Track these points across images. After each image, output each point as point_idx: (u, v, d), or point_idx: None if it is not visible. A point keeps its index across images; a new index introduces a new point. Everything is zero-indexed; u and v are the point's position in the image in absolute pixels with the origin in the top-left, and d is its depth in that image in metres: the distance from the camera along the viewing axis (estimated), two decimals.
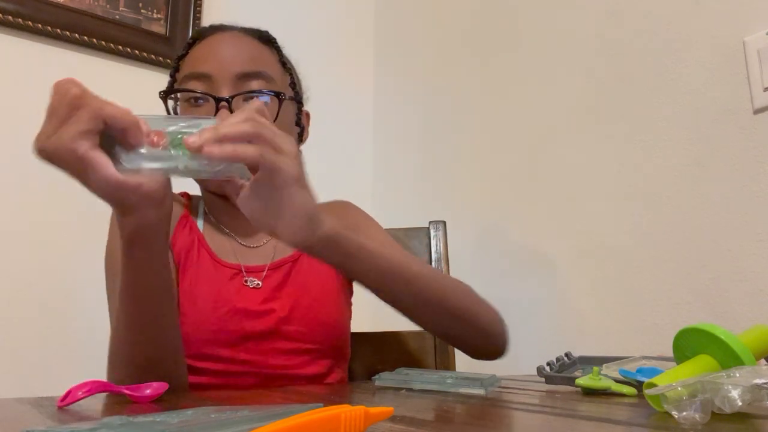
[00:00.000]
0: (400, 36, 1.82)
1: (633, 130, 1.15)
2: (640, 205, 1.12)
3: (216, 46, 0.77)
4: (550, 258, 1.28)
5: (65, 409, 0.45)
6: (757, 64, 0.97)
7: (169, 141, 0.49)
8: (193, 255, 0.77)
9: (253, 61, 0.76)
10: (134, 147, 0.49)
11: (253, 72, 0.76)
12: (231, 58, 0.75)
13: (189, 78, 0.76)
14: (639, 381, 0.52)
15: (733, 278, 0.97)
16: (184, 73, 0.77)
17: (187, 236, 0.79)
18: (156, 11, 1.49)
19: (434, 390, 0.57)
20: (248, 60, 0.76)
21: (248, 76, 0.75)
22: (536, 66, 1.37)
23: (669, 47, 1.11)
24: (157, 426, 0.32)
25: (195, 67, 0.76)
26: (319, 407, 0.33)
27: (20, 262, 1.23)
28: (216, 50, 0.76)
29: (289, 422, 0.29)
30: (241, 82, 0.75)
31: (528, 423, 0.39)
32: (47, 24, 1.31)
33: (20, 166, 1.26)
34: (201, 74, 0.75)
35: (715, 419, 0.37)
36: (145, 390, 0.52)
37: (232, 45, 0.77)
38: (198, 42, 0.80)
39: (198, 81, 0.75)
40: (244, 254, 0.81)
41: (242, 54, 0.76)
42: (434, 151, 1.60)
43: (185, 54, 0.80)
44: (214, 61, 0.75)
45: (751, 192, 0.97)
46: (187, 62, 0.79)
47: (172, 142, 0.49)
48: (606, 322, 1.15)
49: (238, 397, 0.54)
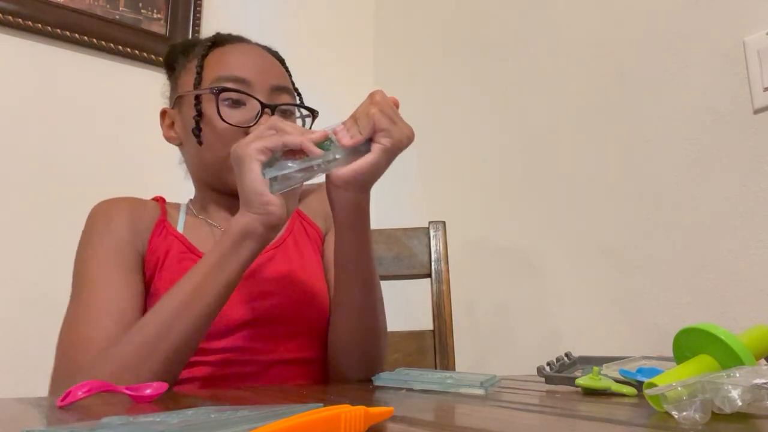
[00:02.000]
0: (399, 36, 1.83)
1: (633, 130, 1.15)
2: (640, 204, 1.12)
3: (251, 55, 0.81)
4: (550, 258, 1.28)
5: (65, 409, 0.45)
6: (757, 64, 0.97)
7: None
8: (173, 254, 0.78)
9: (283, 77, 0.83)
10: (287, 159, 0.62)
11: (284, 86, 0.81)
12: (267, 69, 0.80)
13: (226, 80, 0.77)
14: (639, 381, 0.52)
15: (733, 278, 0.97)
16: (219, 74, 0.78)
17: (164, 239, 0.79)
18: (156, 11, 1.49)
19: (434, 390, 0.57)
20: (280, 74, 0.82)
21: (280, 89, 0.81)
22: (536, 66, 1.37)
23: (669, 47, 1.11)
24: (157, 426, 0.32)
25: (232, 70, 0.78)
26: (319, 407, 0.33)
27: (20, 262, 1.23)
28: (252, 58, 0.81)
29: (289, 422, 0.29)
30: (274, 93, 0.80)
31: (528, 423, 0.39)
32: (47, 24, 1.31)
33: (21, 165, 1.26)
34: (240, 78, 0.77)
35: (715, 419, 0.37)
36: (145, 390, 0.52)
37: (263, 57, 0.82)
38: (221, 46, 0.81)
39: (235, 83, 0.77)
40: None
41: (274, 68, 0.82)
42: (434, 151, 1.60)
43: (206, 54, 0.80)
44: (252, 69, 0.79)
45: (751, 192, 0.97)
46: (217, 64, 0.79)
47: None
48: (606, 322, 1.15)
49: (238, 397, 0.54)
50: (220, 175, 0.80)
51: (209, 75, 0.79)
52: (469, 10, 1.57)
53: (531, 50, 1.39)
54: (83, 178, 1.30)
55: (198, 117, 0.78)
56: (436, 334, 1.06)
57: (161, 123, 0.86)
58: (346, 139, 0.61)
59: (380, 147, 0.61)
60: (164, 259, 0.77)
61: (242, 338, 0.75)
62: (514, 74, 1.43)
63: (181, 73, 0.84)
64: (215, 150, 0.78)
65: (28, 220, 1.25)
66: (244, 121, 0.77)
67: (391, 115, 0.61)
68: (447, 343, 1.05)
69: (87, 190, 1.33)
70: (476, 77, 1.52)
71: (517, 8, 1.44)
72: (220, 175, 0.80)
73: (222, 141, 0.77)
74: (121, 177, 1.36)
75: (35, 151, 1.28)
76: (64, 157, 1.30)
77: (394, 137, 0.61)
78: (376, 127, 0.60)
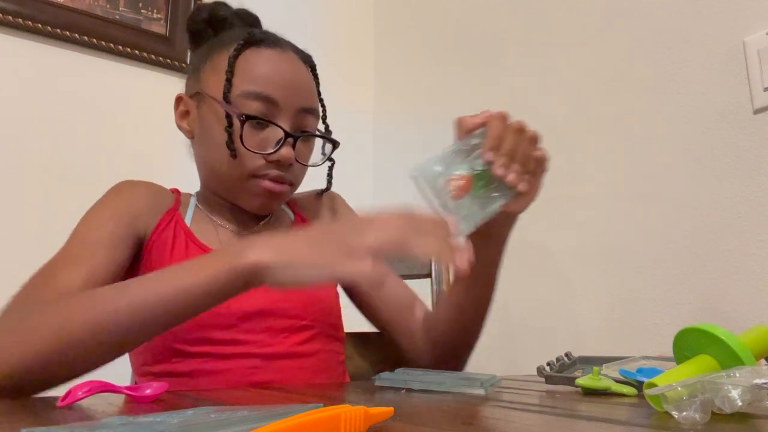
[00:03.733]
0: (400, 36, 1.83)
1: (632, 130, 1.15)
2: (640, 204, 1.12)
3: (283, 68, 0.77)
4: (550, 258, 1.28)
5: (65, 409, 0.45)
6: (757, 64, 0.97)
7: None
8: (179, 246, 0.77)
9: (311, 96, 0.80)
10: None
11: (311, 108, 0.79)
12: (296, 89, 0.77)
13: (255, 97, 0.74)
14: (639, 381, 0.52)
15: (733, 278, 0.97)
16: (248, 88, 0.75)
17: (171, 229, 0.79)
18: (156, 11, 1.49)
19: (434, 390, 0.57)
20: (308, 94, 0.79)
21: (306, 111, 0.78)
22: (536, 66, 1.37)
23: (669, 47, 1.11)
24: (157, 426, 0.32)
25: (262, 87, 0.75)
26: (319, 407, 0.33)
27: (21, 262, 1.23)
28: (284, 73, 0.77)
29: (289, 422, 0.29)
30: (300, 116, 0.78)
31: (528, 423, 0.39)
32: (47, 24, 1.32)
33: (21, 165, 1.26)
34: (268, 98, 0.75)
35: (715, 419, 0.37)
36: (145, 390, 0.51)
37: (295, 72, 0.78)
38: (254, 47, 0.78)
39: (262, 103, 0.75)
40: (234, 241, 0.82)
41: (303, 85, 0.79)
42: (434, 151, 1.60)
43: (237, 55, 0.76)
44: (283, 88, 0.76)
45: (751, 192, 0.97)
46: (248, 74, 0.76)
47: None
48: (606, 322, 1.15)
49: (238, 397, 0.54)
50: (228, 188, 0.79)
51: (238, 84, 0.75)
52: (470, 10, 1.57)
53: (531, 50, 1.39)
54: (83, 178, 1.30)
55: (230, 129, 0.74)
56: None
57: (174, 108, 0.83)
58: (515, 183, 0.63)
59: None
60: (171, 248, 0.77)
61: (246, 330, 0.74)
62: (514, 73, 1.43)
63: (206, 65, 0.80)
64: (234, 168, 0.76)
65: (28, 219, 1.25)
66: (264, 146, 0.75)
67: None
68: None
69: (87, 189, 1.32)
70: (476, 76, 1.52)
71: (517, 7, 1.44)
72: (228, 188, 0.79)
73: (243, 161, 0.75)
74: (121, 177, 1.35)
75: (35, 151, 1.28)
76: (64, 157, 1.30)
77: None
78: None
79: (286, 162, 0.76)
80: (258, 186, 0.77)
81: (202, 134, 0.80)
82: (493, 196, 0.62)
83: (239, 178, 0.77)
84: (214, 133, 0.77)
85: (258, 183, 0.77)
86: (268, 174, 0.77)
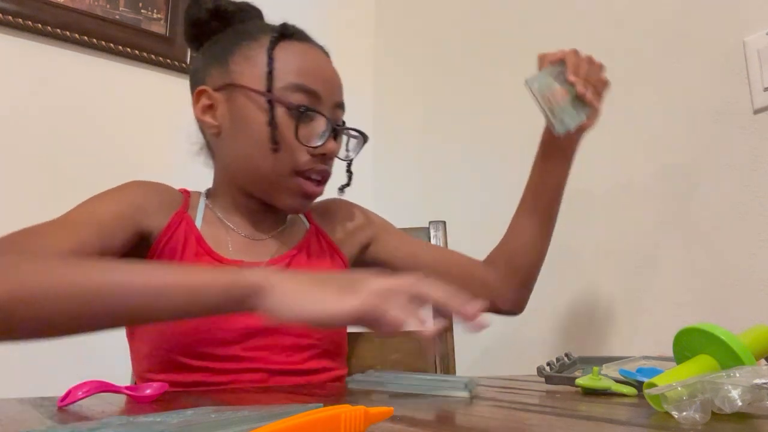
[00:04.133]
0: (400, 36, 1.83)
1: (632, 130, 1.15)
2: (639, 204, 1.12)
3: (321, 64, 0.79)
4: (550, 258, 1.28)
5: (65, 409, 0.45)
6: (757, 64, 0.97)
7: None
8: (189, 251, 0.75)
9: (342, 91, 0.82)
10: None
11: (343, 103, 0.81)
12: (334, 84, 0.80)
13: (299, 90, 0.74)
14: (639, 381, 0.52)
15: (733, 278, 0.97)
16: (292, 81, 0.74)
17: (182, 232, 0.76)
18: (156, 11, 1.49)
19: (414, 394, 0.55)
20: (341, 90, 0.82)
21: (339, 106, 0.80)
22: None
23: (669, 47, 1.11)
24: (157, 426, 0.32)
25: (307, 81, 0.75)
26: (319, 407, 0.33)
27: None
28: (323, 69, 0.79)
29: (289, 422, 0.29)
30: (336, 110, 0.79)
31: (528, 423, 0.39)
32: (47, 24, 1.31)
33: (20, 165, 1.26)
34: (312, 91, 0.75)
35: (715, 419, 0.37)
36: (145, 390, 0.52)
37: (330, 67, 0.81)
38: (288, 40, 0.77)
39: (306, 96, 0.75)
40: (246, 247, 0.80)
41: (338, 80, 0.81)
42: (434, 151, 1.60)
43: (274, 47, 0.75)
44: (324, 82, 0.77)
45: (751, 192, 0.97)
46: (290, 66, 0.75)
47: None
48: (606, 322, 1.15)
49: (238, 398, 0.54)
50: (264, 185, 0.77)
51: (280, 76, 0.74)
52: (470, 10, 1.57)
53: (531, 50, 1.39)
54: (83, 177, 1.30)
55: (273, 123, 0.72)
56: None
57: (194, 103, 0.79)
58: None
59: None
60: (182, 253, 0.74)
61: (249, 347, 0.73)
62: (514, 73, 1.43)
63: (236, 56, 0.77)
64: (277, 163, 0.74)
65: (28, 219, 1.25)
66: (309, 140, 0.74)
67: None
68: (447, 343, 1.05)
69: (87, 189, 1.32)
70: (476, 76, 1.52)
71: (517, 9, 1.44)
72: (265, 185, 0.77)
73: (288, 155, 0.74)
74: (121, 177, 1.35)
75: (35, 151, 1.28)
76: (64, 157, 1.30)
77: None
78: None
79: (332, 155, 0.76)
80: (299, 185, 0.76)
81: (235, 128, 0.76)
82: (579, 111, 0.80)
83: (281, 174, 0.75)
84: (253, 127, 0.74)
85: (299, 182, 0.76)
86: (313, 169, 0.76)
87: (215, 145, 0.81)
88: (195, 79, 0.82)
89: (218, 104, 0.77)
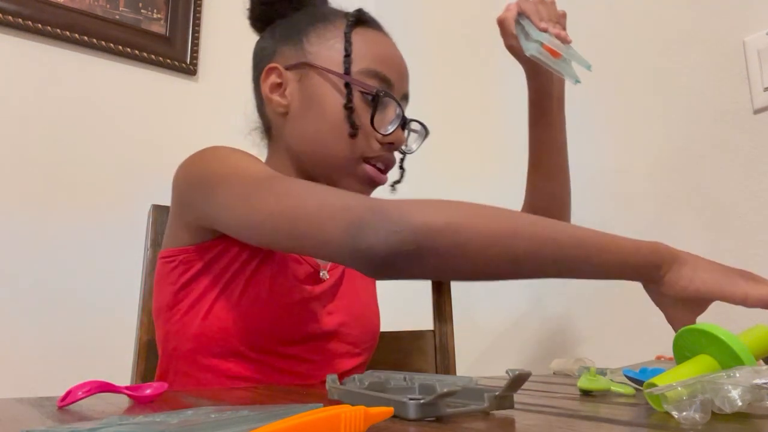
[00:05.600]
0: (399, 34, 1.82)
1: (632, 130, 1.15)
2: (639, 204, 1.12)
3: (394, 52, 0.79)
4: None
5: (65, 409, 0.45)
6: (757, 64, 0.97)
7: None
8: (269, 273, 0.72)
9: (409, 83, 0.81)
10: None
11: (408, 95, 0.81)
12: (405, 74, 0.80)
13: (375, 76, 0.73)
14: (640, 381, 0.52)
15: None
16: (369, 66, 0.73)
17: None
18: (156, 11, 1.49)
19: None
20: (409, 81, 0.81)
21: (406, 97, 0.80)
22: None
23: (668, 47, 1.11)
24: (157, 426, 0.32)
25: (383, 68, 0.74)
26: (319, 407, 0.33)
27: (21, 262, 1.23)
28: (396, 58, 0.79)
29: (289, 422, 0.29)
30: (403, 101, 0.79)
31: (528, 423, 0.39)
32: (47, 24, 1.32)
33: (21, 165, 1.26)
34: (386, 78, 0.74)
35: (715, 419, 0.37)
36: (145, 390, 0.52)
37: (402, 59, 0.81)
38: (364, 26, 0.77)
39: (380, 82, 0.74)
40: None
41: (408, 72, 0.81)
42: (435, 151, 1.60)
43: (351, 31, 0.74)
44: (397, 71, 0.77)
45: (751, 192, 0.97)
46: (368, 51, 0.74)
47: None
48: (606, 322, 1.15)
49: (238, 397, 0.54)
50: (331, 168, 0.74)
51: (357, 61, 0.73)
52: (469, 9, 1.57)
53: None
54: (84, 177, 1.30)
55: (350, 106, 0.70)
56: (436, 335, 1.06)
57: (263, 80, 0.76)
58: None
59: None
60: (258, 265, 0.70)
61: (309, 349, 0.73)
62: (514, 73, 1.43)
63: (312, 37, 0.75)
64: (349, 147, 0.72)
65: (29, 219, 1.25)
66: (384, 127, 0.73)
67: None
68: (447, 343, 1.05)
69: (87, 189, 1.33)
70: (476, 75, 1.52)
71: None
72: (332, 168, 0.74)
73: (362, 140, 0.72)
74: (122, 177, 1.35)
75: (35, 151, 1.28)
76: (65, 157, 1.30)
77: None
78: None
79: (399, 144, 0.75)
80: (366, 172, 0.74)
81: (305, 108, 0.73)
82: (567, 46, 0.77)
83: (351, 158, 0.73)
84: (327, 108, 0.72)
85: (366, 168, 0.74)
86: (380, 156, 0.74)
87: (279, 125, 0.77)
88: (262, 56, 0.79)
89: (288, 83, 0.75)
